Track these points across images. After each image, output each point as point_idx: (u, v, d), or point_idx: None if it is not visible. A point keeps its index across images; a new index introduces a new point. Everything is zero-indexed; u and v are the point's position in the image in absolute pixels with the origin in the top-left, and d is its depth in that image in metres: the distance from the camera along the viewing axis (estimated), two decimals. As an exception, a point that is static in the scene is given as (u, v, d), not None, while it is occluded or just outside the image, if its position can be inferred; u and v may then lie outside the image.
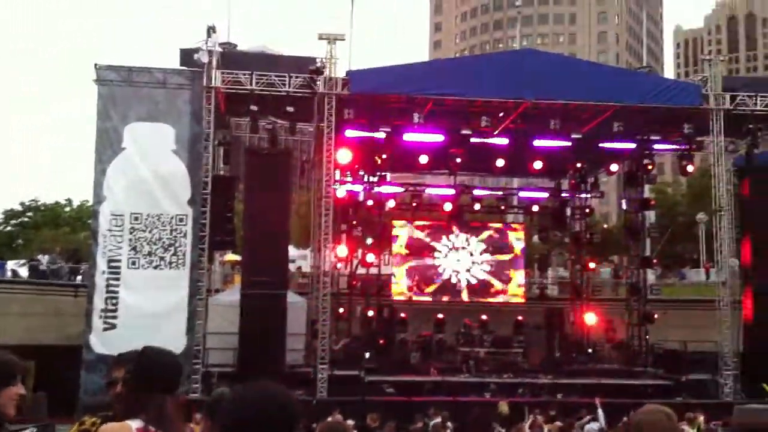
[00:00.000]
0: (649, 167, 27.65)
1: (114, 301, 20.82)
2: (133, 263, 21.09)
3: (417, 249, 30.81)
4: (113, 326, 20.65)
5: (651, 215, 32.40)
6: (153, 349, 3.73)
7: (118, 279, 20.95)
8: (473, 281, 30.75)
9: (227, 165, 25.96)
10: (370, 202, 29.45)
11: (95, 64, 22.40)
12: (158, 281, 21.11)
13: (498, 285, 30.90)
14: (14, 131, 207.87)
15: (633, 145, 26.47)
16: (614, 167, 29.53)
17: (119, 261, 21.06)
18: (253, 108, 22.81)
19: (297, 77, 22.63)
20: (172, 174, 21.74)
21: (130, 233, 21.14)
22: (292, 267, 33.51)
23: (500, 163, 26.57)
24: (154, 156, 21.82)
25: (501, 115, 24.47)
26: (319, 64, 22.83)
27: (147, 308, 20.68)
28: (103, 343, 20.04)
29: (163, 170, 21.73)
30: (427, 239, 30.96)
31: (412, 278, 30.53)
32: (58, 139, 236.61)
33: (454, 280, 30.62)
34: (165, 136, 21.94)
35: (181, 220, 21.47)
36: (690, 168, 26.72)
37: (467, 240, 30.92)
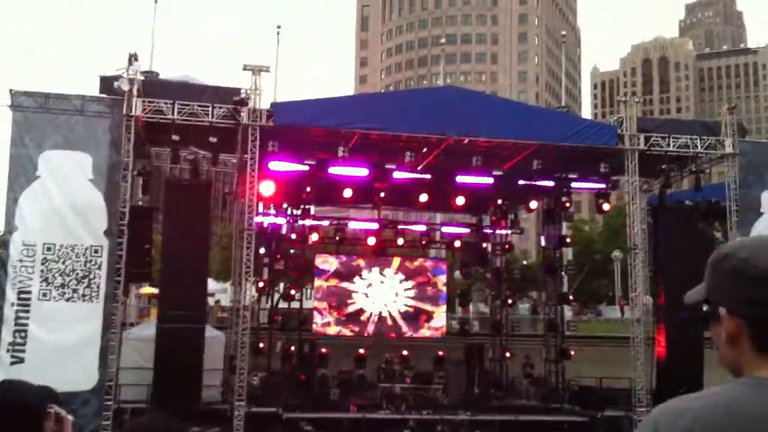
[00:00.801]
0: (567, 205, 28.28)
1: (23, 334, 19.87)
2: (44, 295, 20.26)
3: (338, 277, 30.75)
4: (21, 360, 19.70)
5: (569, 252, 33.10)
6: (9, 384, 3.36)
7: (27, 311, 20.05)
8: (384, 315, 30.74)
9: (146, 195, 25.37)
10: (293, 236, 29.24)
11: (10, 90, 21.62)
12: (70, 314, 20.28)
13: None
14: None
15: (551, 183, 27.05)
16: (533, 204, 30.10)
17: (29, 293, 20.17)
18: (175, 138, 22.39)
19: (220, 107, 22.31)
20: (88, 204, 21.07)
21: (42, 264, 20.31)
22: (211, 301, 32.94)
23: (423, 198, 26.76)
24: (70, 185, 21.08)
25: (424, 150, 24.69)
26: (243, 95, 22.56)
27: (57, 342, 19.83)
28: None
29: (79, 200, 21.03)
30: (350, 268, 30.94)
31: (329, 303, 30.34)
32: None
33: (369, 313, 30.59)
34: (82, 165, 21.24)
35: (96, 251, 20.76)
36: (606, 206, 27.32)
37: (388, 276, 30.96)
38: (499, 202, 31.26)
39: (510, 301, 32.91)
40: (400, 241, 32.13)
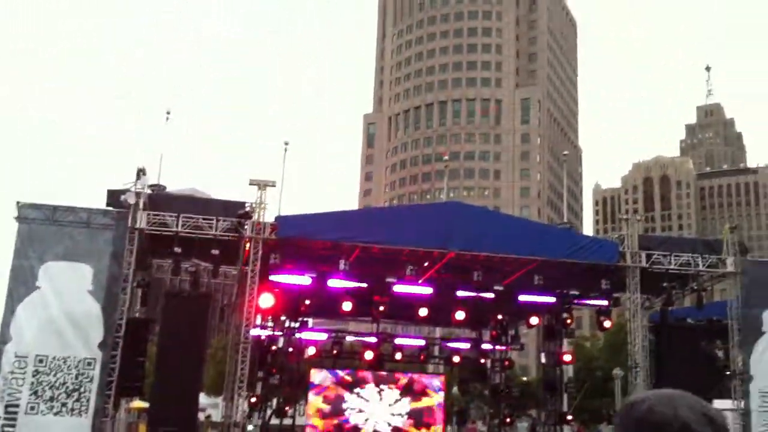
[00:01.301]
0: (568, 321, 28.01)
1: (7, 451, 19.41)
2: (32, 408, 19.79)
3: (332, 392, 30.18)
4: (4, 479, 19.18)
5: (569, 369, 32.54)
6: None
7: (13, 426, 19.56)
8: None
9: (144, 307, 25.27)
10: (290, 349, 28.87)
11: (17, 202, 21.89)
12: (57, 428, 19.79)
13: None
14: None
15: (553, 299, 26.89)
16: (534, 320, 29.81)
17: (17, 406, 19.75)
18: (177, 250, 22.49)
19: (225, 221, 22.50)
20: (85, 315, 20.96)
21: (33, 376, 19.98)
22: (201, 416, 32.18)
23: (423, 312, 26.58)
24: (69, 296, 21.01)
25: (426, 264, 24.69)
26: (248, 209, 22.77)
27: (42, 459, 19.31)
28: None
29: (77, 311, 20.92)
30: (345, 383, 30.41)
31: (322, 419, 29.63)
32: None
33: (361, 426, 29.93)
34: (82, 276, 21.25)
35: (89, 363, 20.47)
36: (607, 323, 27.08)
37: (384, 391, 30.42)
38: (500, 317, 31.03)
39: (508, 420, 32.06)
40: (398, 356, 31.70)
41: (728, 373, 24.73)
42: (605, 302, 26.07)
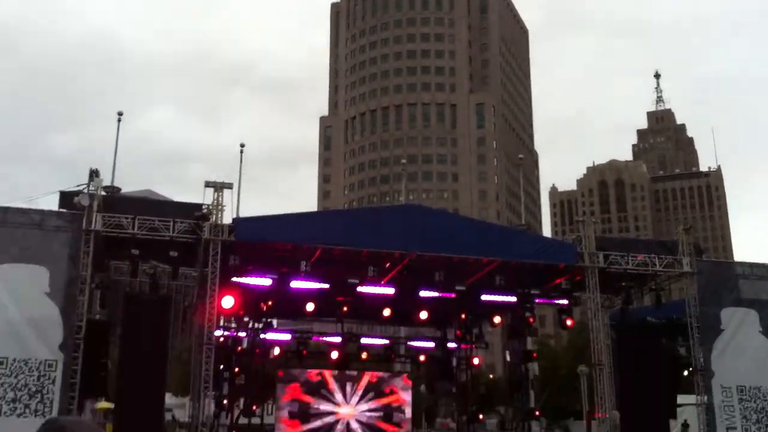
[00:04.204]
0: (531, 320, 28.19)
1: (-29, 452, 18.98)
2: (-5, 410, 19.46)
3: (300, 392, 30.11)
4: (-35, 481, 18.75)
5: (535, 367, 32.76)
6: None
7: (-23, 427, 19.22)
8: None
9: (104, 309, 24.87)
10: (255, 350, 28.69)
11: (-33, 202, 21.40)
12: (20, 430, 19.44)
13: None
14: None
15: (514, 299, 27.02)
16: (497, 319, 29.97)
17: (-20, 408, 19.38)
18: (135, 252, 22.12)
19: (182, 222, 22.19)
20: (44, 317, 20.53)
21: (-6, 378, 19.64)
22: (167, 416, 31.83)
23: (387, 312, 26.59)
24: (26, 298, 20.55)
25: (387, 265, 24.67)
26: (204, 211, 22.49)
27: (6, 461, 18.95)
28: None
29: (35, 313, 20.49)
30: (313, 383, 30.33)
31: (292, 418, 29.54)
32: None
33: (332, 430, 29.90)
34: (39, 278, 20.79)
35: (50, 365, 20.08)
36: (569, 322, 27.33)
37: (351, 391, 30.42)
38: (463, 316, 31.14)
39: (478, 417, 32.27)
40: (364, 355, 31.72)
41: (690, 369, 25.11)
42: (566, 301, 26.31)
